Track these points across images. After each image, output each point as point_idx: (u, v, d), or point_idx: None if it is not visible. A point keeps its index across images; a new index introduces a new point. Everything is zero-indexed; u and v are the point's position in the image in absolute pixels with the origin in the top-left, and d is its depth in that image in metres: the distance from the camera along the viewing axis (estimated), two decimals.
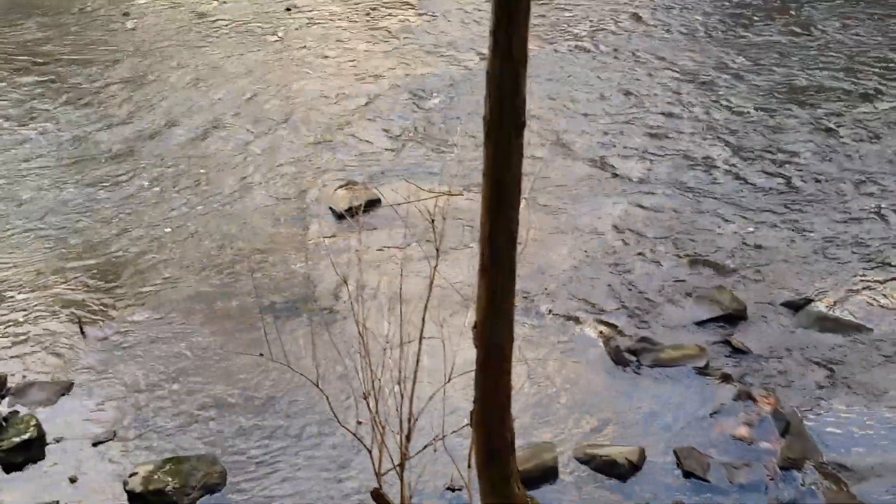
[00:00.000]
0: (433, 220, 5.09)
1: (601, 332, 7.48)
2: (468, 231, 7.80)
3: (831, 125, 10.35)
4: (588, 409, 6.79)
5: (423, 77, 12.05)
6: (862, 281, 7.84)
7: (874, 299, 7.60)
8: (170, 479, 6.10)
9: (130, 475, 6.19)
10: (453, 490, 5.96)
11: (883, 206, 8.81)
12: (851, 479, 6.06)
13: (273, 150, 10.56)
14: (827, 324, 7.37)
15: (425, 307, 5.06)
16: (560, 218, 8.94)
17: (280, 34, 13.83)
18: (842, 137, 10.09)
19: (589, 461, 6.27)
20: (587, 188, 9.44)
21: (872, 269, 7.95)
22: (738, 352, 7.19)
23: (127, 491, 6.12)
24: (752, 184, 9.34)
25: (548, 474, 6.17)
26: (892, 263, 8.00)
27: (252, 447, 6.53)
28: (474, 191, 4.47)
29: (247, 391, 7.01)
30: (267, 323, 7.13)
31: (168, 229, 9.12)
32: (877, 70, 11.64)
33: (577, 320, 7.63)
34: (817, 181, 9.32)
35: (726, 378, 6.94)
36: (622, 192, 9.33)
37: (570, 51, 12.46)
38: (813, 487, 5.99)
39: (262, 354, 5.33)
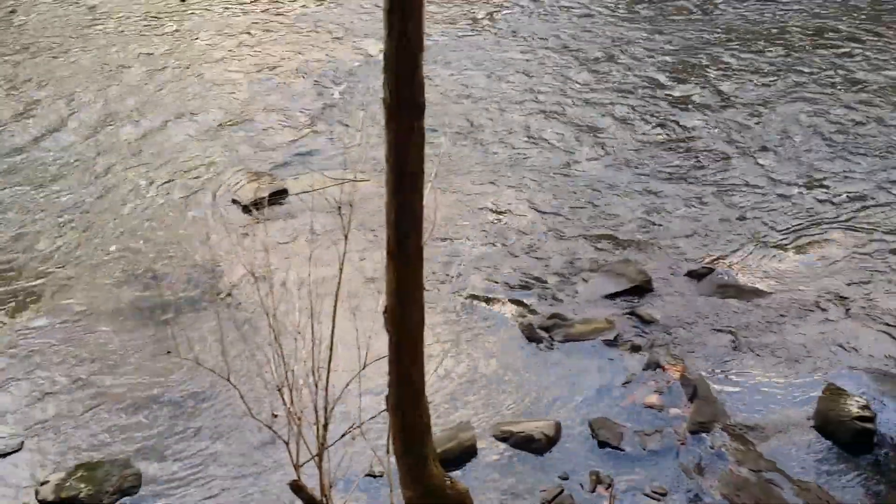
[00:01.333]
0: (340, 208, 5.05)
1: (513, 311, 7.57)
2: (377, 216, 7.78)
3: (728, 99, 10.68)
4: (504, 386, 6.87)
5: (324, 64, 11.92)
6: (759, 248, 8.13)
7: (771, 265, 7.89)
8: (83, 486, 5.92)
9: (41, 483, 5.98)
10: (374, 476, 5.96)
11: (774, 176, 9.14)
12: (757, 438, 6.30)
13: (173, 143, 10.31)
14: (728, 290, 7.63)
15: (336, 295, 5.02)
16: (467, 200, 8.99)
17: (175, 26, 13.46)
18: (738, 111, 10.41)
19: (507, 438, 6.35)
20: (491, 170, 9.51)
21: (768, 236, 8.26)
22: (645, 322, 7.37)
23: (39, 501, 5.91)
24: (651, 158, 9.56)
25: (467, 454, 6.22)
26: (785, 230, 8.31)
27: (167, 447, 6.38)
28: (380, 176, 4.46)
29: (158, 390, 6.83)
30: (173, 320, 6.97)
31: (66, 227, 8.81)
32: (769, 46, 12.06)
33: (488, 300, 7.70)
34: (714, 154, 9.62)
35: (636, 348, 7.12)
36: (526, 171, 9.43)
37: (470, 33, 12.48)
38: (722, 449, 6.19)
39: (170, 352, 5.20)
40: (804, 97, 10.69)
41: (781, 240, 8.20)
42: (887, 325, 7.13)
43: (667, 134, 10.03)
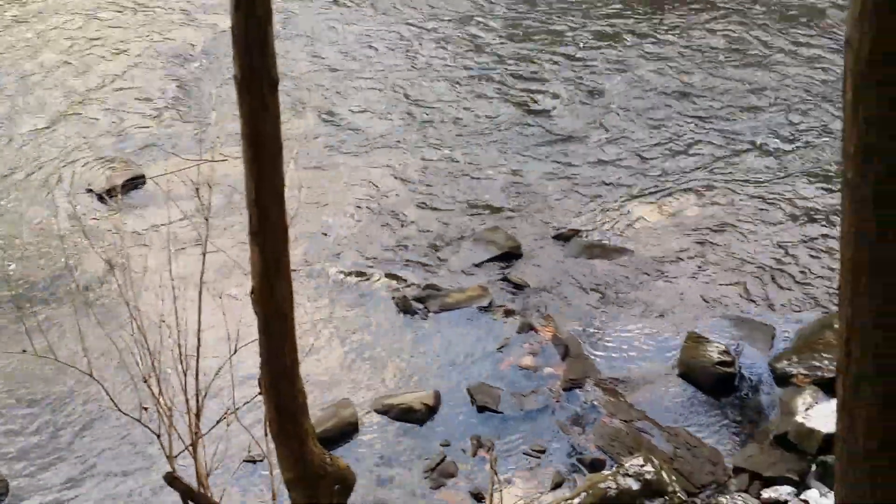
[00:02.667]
0: (198, 190, 4.89)
1: (387, 285, 7.56)
2: (239, 196, 7.60)
3: (587, 68, 10.92)
4: (382, 360, 6.88)
5: (176, 44, 11.47)
6: (621, 209, 8.39)
7: (633, 225, 8.16)
8: None
9: None
10: (254, 461, 5.86)
11: (628, 144, 9.44)
12: (627, 390, 6.56)
13: (21, 132, 9.72)
14: (594, 251, 7.86)
15: (200, 279, 4.88)
16: (335, 175, 8.89)
17: (16, 10, 12.64)
18: (595, 77, 10.67)
19: (387, 411, 6.38)
20: (357, 144, 9.43)
21: (630, 198, 8.52)
22: (517, 287, 7.51)
23: None
24: (516, 125, 9.70)
25: (348, 430, 6.21)
26: (643, 192, 8.60)
27: (33, 449, 6.08)
28: (239, 155, 4.35)
29: (18, 391, 6.50)
30: (29, 316, 6.61)
31: None
32: (623, 14, 12.39)
33: (361, 275, 7.66)
34: (574, 121, 9.83)
35: (509, 313, 7.25)
36: (393, 144, 9.41)
37: (328, 5, 12.28)
38: (595, 403, 6.41)
39: (25, 351, 4.92)
40: (649, 65, 11.06)
41: (641, 200, 8.48)
42: (741, 272, 7.50)
43: (526, 105, 10.18)
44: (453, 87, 10.50)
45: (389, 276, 7.66)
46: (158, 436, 4.82)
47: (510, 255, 7.81)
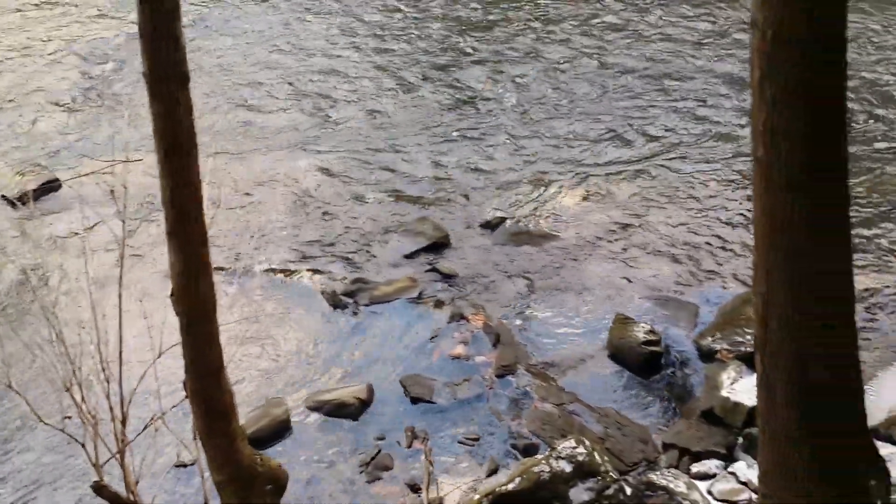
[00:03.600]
0: (113, 191, 4.77)
1: (315, 281, 7.50)
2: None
3: (506, 57, 10.97)
4: (313, 356, 6.82)
5: (89, 42, 11.15)
6: (540, 195, 8.45)
7: (558, 210, 8.23)
8: None
9: None
10: (185, 466, 5.75)
11: (553, 130, 9.53)
12: (558, 374, 6.62)
13: None
14: (521, 237, 7.92)
15: (119, 283, 4.76)
16: (257, 170, 8.77)
17: None
18: (516, 66, 10.73)
19: (320, 407, 6.32)
20: (280, 138, 9.31)
21: (555, 185, 8.59)
22: (447, 277, 7.52)
23: None
24: (440, 115, 9.70)
25: (281, 429, 6.15)
26: (567, 176, 8.69)
27: None
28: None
29: None
30: None
31: None
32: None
33: (288, 272, 7.58)
34: (497, 111, 9.87)
35: (439, 303, 7.26)
36: (316, 139, 9.32)
37: (242, 2, 12.08)
38: (527, 388, 6.46)
39: None
40: (574, 54, 11.18)
41: (566, 187, 8.57)
42: (665, 253, 7.64)
43: (449, 95, 10.19)
44: (373, 78, 10.45)
45: (317, 271, 7.60)
46: (83, 445, 4.70)
47: (438, 246, 7.81)
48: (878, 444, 5.43)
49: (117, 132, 8.80)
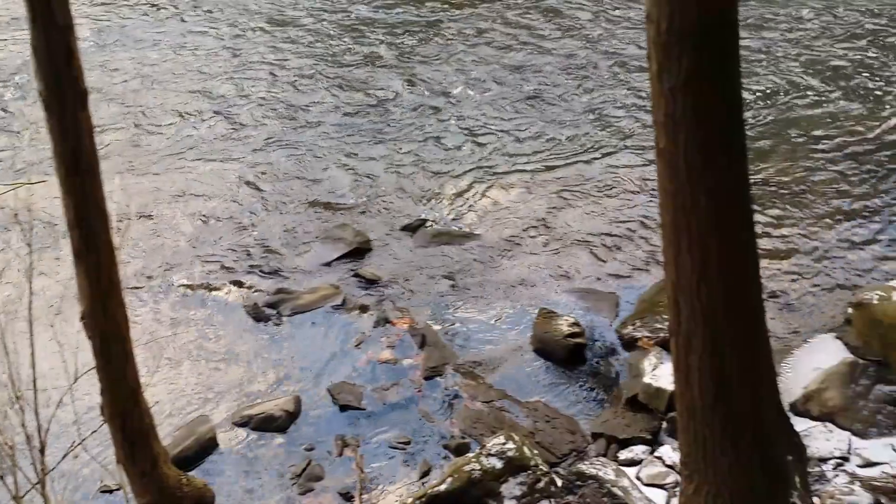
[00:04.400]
0: (17, 215, 4.62)
1: (236, 294, 7.39)
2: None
3: (417, 58, 11.00)
4: (238, 371, 6.72)
5: None
6: (466, 194, 8.51)
7: (478, 208, 8.29)
8: None
9: None
10: (110, 491, 5.60)
11: (465, 129, 9.59)
12: (486, 371, 6.65)
13: None
14: (442, 238, 7.94)
15: (29, 309, 4.61)
16: (167, 185, 8.60)
17: None
18: (426, 66, 10.77)
19: (247, 422, 6.23)
20: (188, 151, 9.16)
21: (473, 183, 8.65)
22: (370, 282, 7.49)
23: None
24: (354, 119, 9.68)
25: (207, 447, 6.03)
26: (485, 174, 8.77)
27: None
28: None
29: None
30: None
31: None
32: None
33: (207, 287, 7.45)
34: (411, 111, 9.90)
35: (364, 309, 7.22)
36: (226, 148, 9.19)
37: (144, 14, 11.84)
38: (455, 388, 6.48)
39: None
40: (486, 49, 11.27)
41: (485, 184, 8.63)
42: (584, 245, 7.75)
43: (360, 98, 10.17)
44: (284, 85, 10.36)
45: (236, 283, 7.49)
46: (1, 477, 4.54)
47: (360, 251, 7.78)
48: (796, 419, 5.63)
49: (17, 153, 8.55)
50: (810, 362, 6.05)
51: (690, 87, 3.41)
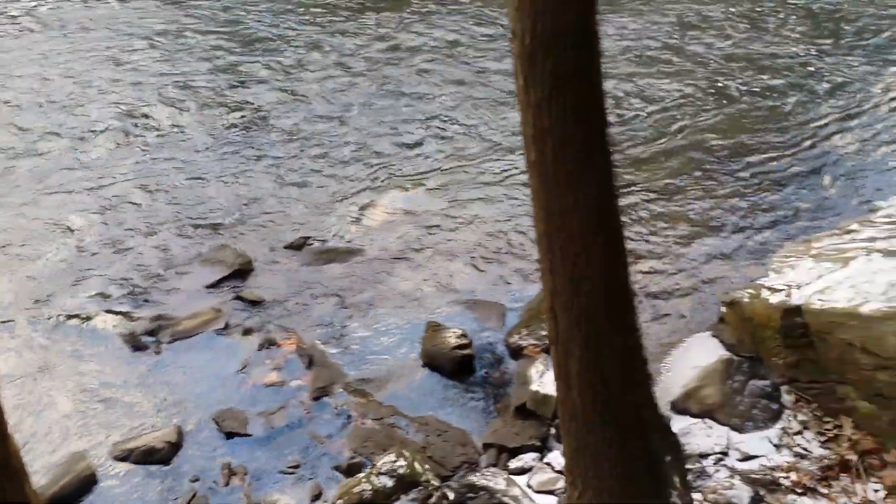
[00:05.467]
0: None
1: (112, 323, 7.10)
2: None
3: (298, 72, 10.89)
4: (116, 403, 6.45)
5: None
6: (350, 210, 8.44)
7: (360, 224, 8.23)
8: None
9: None
10: None
11: (346, 143, 9.54)
12: (375, 389, 6.59)
13: None
14: (327, 256, 7.85)
15: None
16: (32, 212, 8.21)
17: None
18: (307, 81, 10.66)
19: (127, 456, 5.98)
20: (57, 178, 8.78)
21: (357, 198, 8.59)
22: (253, 303, 7.33)
23: None
24: (234, 135, 9.48)
25: (86, 485, 5.76)
26: (363, 189, 8.72)
27: None
28: None
29: None
30: None
31: None
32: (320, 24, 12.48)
33: (85, 317, 7.14)
34: (293, 127, 9.77)
35: (247, 331, 7.06)
36: (96, 176, 8.85)
37: (14, 31, 11.33)
38: (345, 407, 6.39)
39: None
40: (357, 67, 11.26)
41: (368, 199, 8.59)
42: (470, 256, 7.80)
43: (239, 114, 9.99)
44: (159, 102, 10.07)
45: (112, 312, 7.20)
46: None
47: (242, 272, 7.61)
48: (677, 417, 5.81)
49: None
50: (688, 361, 6.25)
51: (556, 98, 3.47)
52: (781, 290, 5.91)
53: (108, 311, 7.19)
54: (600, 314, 3.78)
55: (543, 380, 6.15)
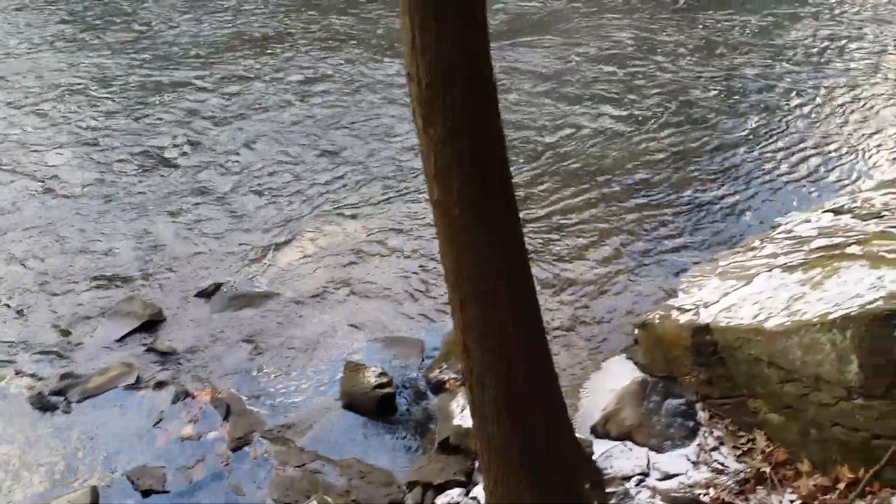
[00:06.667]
0: None
1: (17, 385, 6.82)
2: None
3: (205, 116, 10.75)
4: (24, 468, 6.17)
5: None
6: (262, 253, 8.33)
7: (275, 267, 8.13)
8: None
9: None
10: None
11: (264, 187, 9.45)
12: (296, 435, 6.47)
13: None
14: (241, 301, 7.71)
15: None
16: None
17: None
18: (215, 126, 10.54)
19: None
20: None
21: (268, 241, 8.50)
22: (165, 355, 7.15)
23: None
24: (140, 182, 9.28)
25: None
26: (277, 231, 8.64)
27: None
28: None
29: None
30: None
31: None
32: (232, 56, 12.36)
33: None
34: (200, 171, 9.63)
35: (161, 384, 6.87)
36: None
37: None
38: (265, 456, 6.25)
39: None
40: (261, 105, 11.20)
41: (279, 241, 8.50)
42: (386, 293, 7.77)
43: (143, 160, 9.80)
44: (62, 151, 9.81)
45: (18, 373, 6.92)
46: None
47: (152, 324, 7.41)
48: (597, 441, 5.87)
49: None
50: (606, 384, 6.32)
51: (455, 138, 3.51)
52: (690, 309, 6.05)
53: (16, 373, 6.90)
54: (511, 346, 3.81)
55: (465, 413, 6.12)
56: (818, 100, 10.41)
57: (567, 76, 11.38)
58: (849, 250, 5.84)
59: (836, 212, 7.00)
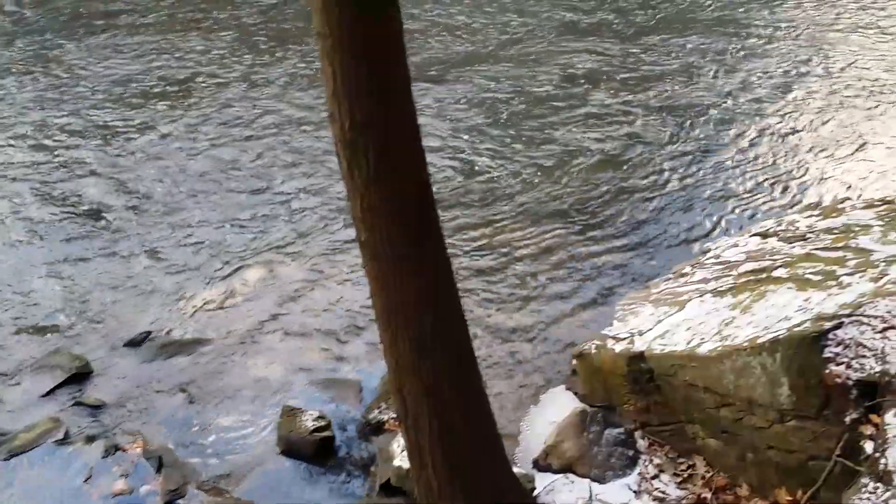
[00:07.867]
0: None
1: None
2: None
3: (125, 159, 10.55)
4: None
5: None
6: (192, 298, 8.15)
7: (205, 312, 7.96)
8: None
9: None
10: None
11: (191, 229, 9.28)
12: (232, 484, 6.30)
13: None
14: (171, 349, 7.52)
15: None
16: None
17: None
18: (134, 170, 10.34)
19: None
20: None
21: (197, 285, 8.32)
22: (94, 408, 6.91)
23: None
24: (60, 229, 9.05)
25: None
26: (209, 274, 8.48)
27: None
28: None
29: None
30: None
31: None
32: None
33: None
34: (121, 217, 9.42)
35: (90, 439, 6.62)
36: None
37: None
38: None
39: None
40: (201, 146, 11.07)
41: (209, 285, 8.33)
42: (321, 334, 7.66)
43: (66, 206, 9.57)
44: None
45: None
46: None
47: (80, 376, 7.17)
48: (539, 475, 5.83)
49: None
50: (546, 417, 6.32)
51: (379, 181, 3.47)
52: (625, 337, 6.09)
53: None
54: (445, 386, 3.76)
55: (405, 454, 6.04)
56: (742, 125, 10.69)
57: (484, 110, 11.49)
58: (776, 273, 5.96)
59: (763, 235, 7.16)
